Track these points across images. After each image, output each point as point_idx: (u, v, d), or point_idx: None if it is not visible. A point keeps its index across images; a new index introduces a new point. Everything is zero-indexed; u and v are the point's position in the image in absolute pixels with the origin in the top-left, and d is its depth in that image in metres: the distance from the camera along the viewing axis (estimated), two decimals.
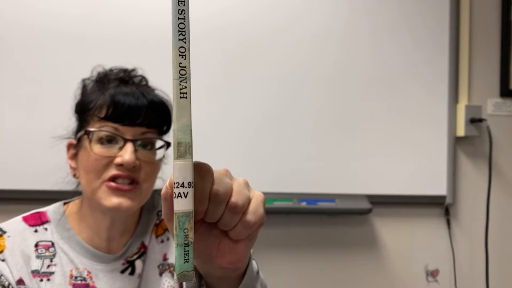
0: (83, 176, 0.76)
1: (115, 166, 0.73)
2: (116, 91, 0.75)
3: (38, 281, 0.74)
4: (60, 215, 0.81)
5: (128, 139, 0.73)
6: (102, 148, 0.74)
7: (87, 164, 0.74)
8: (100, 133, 0.73)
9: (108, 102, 0.74)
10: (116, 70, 0.82)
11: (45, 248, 0.77)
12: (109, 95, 0.74)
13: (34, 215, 0.80)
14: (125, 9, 1.29)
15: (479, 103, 1.53)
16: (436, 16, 1.49)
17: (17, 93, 1.23)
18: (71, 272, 0.77)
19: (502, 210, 1.56)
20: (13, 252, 0.74)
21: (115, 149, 0.74)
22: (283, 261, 1.43)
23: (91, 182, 0.74)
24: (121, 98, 0.74)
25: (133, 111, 0.74)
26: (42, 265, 0.75)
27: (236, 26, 1.36)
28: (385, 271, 1.50)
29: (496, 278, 1.53)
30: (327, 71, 1.42)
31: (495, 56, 1.56)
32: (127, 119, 0.74)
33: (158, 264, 0.83)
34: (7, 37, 1.23)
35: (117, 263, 0.80)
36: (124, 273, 0.80)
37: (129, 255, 0.81)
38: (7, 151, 1.22)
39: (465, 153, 1.54)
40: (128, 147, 0.73)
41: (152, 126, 0.76)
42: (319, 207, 1.36)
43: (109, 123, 0.74)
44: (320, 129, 1.41)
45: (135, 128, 0.74)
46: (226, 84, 1.36)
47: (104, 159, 0.73)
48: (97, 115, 0.74)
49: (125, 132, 0.74)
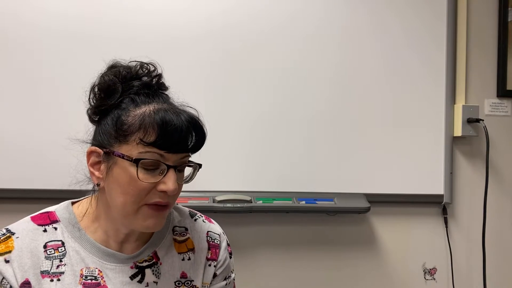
0: (117, 194, 0.73)
1: (157, 192, 0.72)
2: (161, 116, 0.71)
3: (48, 281, 0.74)
4: (70, 215, 0.80)
5: (171, 165, 0.72)
6: (146, 174, 0.71)
7: (128, 187, 0.72)
8: (148, 160, 0.71)
9: (157, 129, 0.70)
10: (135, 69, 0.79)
11: (54, 248, 0.76)
12: (156, 120, 0.71)
13: (43, 215, 0.80)
14: (130, 9, 1.31)
15: (476, 103, 1.55)
16: (433, 17, 1.50)
17: (24, 94, 1.25)
18: (82, 271, 0.76)
19: (499, 209, 1.58)
20: (21, 253, 0.74)
21: (157, 174, 0.72)
22: (282, 259, 1.44)
23: (129, 204, 0.72)
24: (169, 125, 0.70)
25: (181, 140, 0.72)
26: (52, 265, 0.75)
27: (235, 27, 1.37)
28: (383, 269, 1.51)
29: (493, 276, 1.55)
30: (326, 72, 1.43)
31: (492, 57, 1.58)
32: (175, 147, 0.72)
33: (176, 280, 0.83)
34: (15, 37, 1.25)
35: (126, 265, 0.80)
36: (134, 280, 0.79)
37: (139, 260, 0.81)
38: (16, 151, 1.24)
39: (462, 152, 1.56)
40: (171, 175, 0.72)
41: (192, 151, 0.75)
42: (318, 205, 1.37)
43: (155, 150, 0.71)
44: (319, 129, 1.42)
45: (178, 154, 0.73)
46: (226, 85, 1.37)
47: (148, 185, 0.72)
48: (142, 140, 0.71)
49: (169, 159, 0.72)
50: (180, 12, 1.34)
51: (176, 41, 1.34)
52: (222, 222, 0.94)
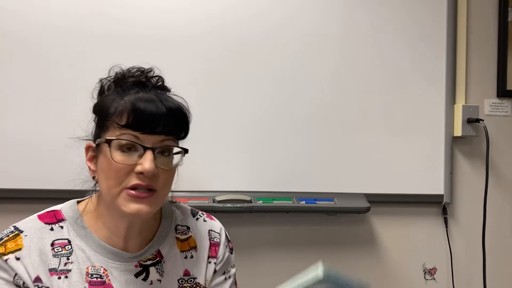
0: (103, 181, 0.76)
1: (135, 174, 0.73)
2: (136, 98, 0.75)
3: (56, 278, 0.75)
4: (75, 213, 0.82)
5: (147, 147, 0.74)
6: (122, 156, 0.74)
7: (108, 171, 0.74)
8: (121, 141, 0.74)
9: (129, 109, 0.74)
10: (133, 70, 0.82)
11: (61, 246, 0.78)
12: (129, 102, 0.74)
13: (49, 213, 0.81)
14: (134, 8, 1.31)
15: (476, 103, 1.55)
16: (433, 17, 1.51)
17: (29, 93, 1.25)
18: (87, 269, 0.78)
19: (499, 209, 1.58)
20: (30, 251, 0.75)
21: (135, 157, 0.74)
22: (282, 259, 1.44)
23: (111, 188, 0.74)
24: (141, 106, 0.74)
25: (153, 119, 0.74)
26: (59, 263, 0.76)
27: (234, 26, 1.37)
28: (383, 269, 1.51)
29: (493, 276, 1.55)
30: (326, 71, 1.43)
31: (492, 57, 1.58)
32: (147, 127, 0.74)
33: (179, 278, 0.85)
34: (19, 36, 1.24)
35: (131, 264, 0.81)
36: (138, 278, 0.81)
37: (143, 258, 0.82)
38: (20, 151, 1.24)
39: (462, 153, 1.56)
40: (148, 155, 0.73)
41: (170, 134, 0.77)
42: (318, 205, 1.37)
43: (129, 131, 0.74)
44: (319, 129, 1.42)
45: (155, 136, 0.75)
46: (226, 85, 1.37)
47: (125, 167, 0.73)
48: (117, 123, 0.74)
49: (144, 140, 0.74)
50: (178, 11, 1.34)
51: (174, 40, 1.33)
52: (222, 222, 0.95)
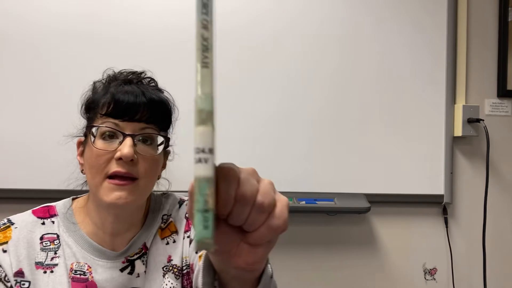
0: (87, 171, 0.78)
1: (115, 161, 0.75)
2: (118, 90, 0.78)
3: (42, 272, 0.77)
4: (67, 209, 0.83)
5: (127, 134, 0.76)
6: (104, 143, 0.76)
7: (90, 159, 0.76)
8: (102, 128, 0.76)
9: (109, 99, 0.77)
10: (125, 73, 0.86)
11: (50, 241, 0.79)
12: (111, 93, 0.78)
13: (43, 208, 0.84)
14: (133, 10, 1.30)
15: (476, 103, 1.55)
16: (434, 17, 1.50)
17: (25, 93, 1.24)
18: (72, 265, 0.79)
19: (499, 209, 1.58)
20: (17, 243, 0.77)
21: (115, 144, 0.76)
22: (282, 259, 1.43)
23: (94, 177, 0.76)
24: (121, 95, 0.77)
25: (131, 107, 0.77)
26: (46, 257, 0.78)
27: (242, 28, 1.37)
28: (383, 270, 1.51)
29: (494, 276, 1.54)
30: (327, 72, 1.43)
31: (493, 57, 1.58)
32: (126, 114, 0.76)
33: (163, 265, 0.84)
34: (16, 36, 1.24)
35: (118, 261, 0.81)
36: (124, 272, 0.81)
37: (130, 254, 0.83)
38: (18, 151, 1.24)
39: (463, 153, 1.56)
40: (126, 141, 0.75)
41: (151, 122, 0.79)
42: (318, 206, 1.37)
43: (110, 119, 0.77)
44: (320, 129, 1.42)
45: (134, 123, 0.77)
46: (226, 85, 1.36)
47: (105, 154, 0.75)
48: (100, 112, 0.78)
49: (124, 128, 0.76)
50: (180, 13, 1.33)
51: (176, 42, 1.33)
52: None
